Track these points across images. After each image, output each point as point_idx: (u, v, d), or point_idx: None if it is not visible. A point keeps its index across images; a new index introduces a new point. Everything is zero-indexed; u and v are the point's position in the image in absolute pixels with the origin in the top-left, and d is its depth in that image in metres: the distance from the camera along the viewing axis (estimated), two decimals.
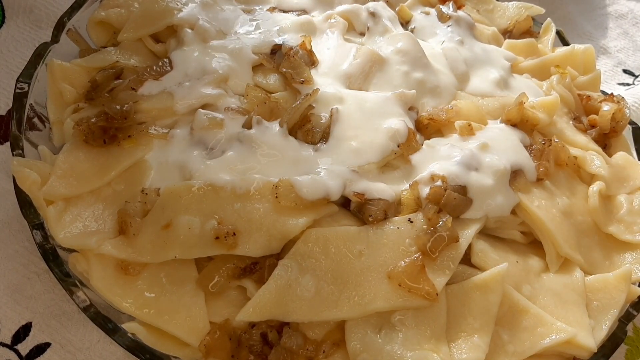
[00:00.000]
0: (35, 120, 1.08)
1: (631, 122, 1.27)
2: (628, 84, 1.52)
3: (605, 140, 1.24)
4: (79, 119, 1.03)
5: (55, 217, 0.94)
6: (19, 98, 1.05)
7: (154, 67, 1.11)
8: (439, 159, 1.04)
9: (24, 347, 0.98)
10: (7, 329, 0.99)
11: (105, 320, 0.87)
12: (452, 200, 0.97)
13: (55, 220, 0.93)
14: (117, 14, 1.21)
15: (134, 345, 0.86)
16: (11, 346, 0.98)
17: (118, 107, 1.03)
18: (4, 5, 1.29)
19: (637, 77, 1.55)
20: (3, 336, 0.99)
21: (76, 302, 0.87)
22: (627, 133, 1.27)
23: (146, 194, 0.97)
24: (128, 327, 0.87)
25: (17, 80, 1.06)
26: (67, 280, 0.89)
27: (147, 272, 0.93)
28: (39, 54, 1.11)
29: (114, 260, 0.93)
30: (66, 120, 1.06)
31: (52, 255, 0.90)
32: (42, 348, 0.99)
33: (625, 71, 1.57)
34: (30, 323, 1.00)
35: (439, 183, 0.98)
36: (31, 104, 1.08)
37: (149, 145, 1.03)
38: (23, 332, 1.00)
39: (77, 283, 0.89)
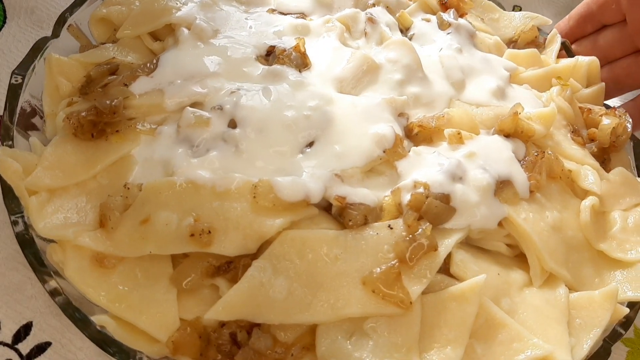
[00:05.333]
0: (30, 112, 1.10)
1: (633, 138, 1.24)
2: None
3: (605, 155, 1.21)
4: (70, 112, 1.05)
5: (36, 207, 0.94)
6: (14, 89, 1.06)
7: (147, 65, 1.12)
8: (425, 167, 1.02)
9: (25, 347, 0.99)
10: (8, 328, 1.00)
11: (75, 311, 0.87)
12: (433, 208, 0.96)
13: (37, 211, 0.94)
14: (117, 11, 1.22)
15: (101, 338, 0.86)
16: (12, 345, 0.99)
17: (108, 102, 1.04)
18: (5, 6, 1.31)
19: None
20: (4, 335, 0.99)
21: (47, 291, 0.88)
22: (630, 148, 1.25)
23: (128, 188, 0.98)
24: (97, 319, 0.87)
25: (13, 72, 1.08)
26: (42, 269, 0.90)
27: (123, 266, 0.93)
28: (38, 47, 1.13)
29: (90, 253, 0.93)
30: (59, 113, 1.07)
31: (28, 243, 0.91)
32: (42, 347, 0.99)
33: None
34: (31, 322, 1.00)
35: (420, 190, 0.97)
36: (27, 97, 1.09)
37: (136, 141, 1.04)
38: (24, 331, 1.00)
39: (52, 273, 0.90)
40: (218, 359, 0.89)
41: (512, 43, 1.42)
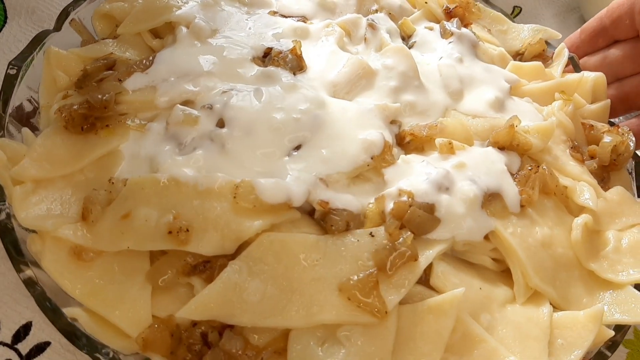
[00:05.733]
0: (31, 111, 1.11)
1: (635, 157, 1.20)
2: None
3: (605, 173, 1.18)
4: (62, 105, 1.05)
5: (21, 197, 0.95)
6: (9, 79, 1.08)
7: (144, 61, 1.13)
8: (412, 175, 1.01)
9: (24, 347, 0.99)
10: (7, 328, 1.00)
11: (47, 301, 0.87)
12: (416, 217, 0.94)
13: (20, 200, 0.94)
14: (120, 8, 1.23)
15: (71, 331, 0.86)
16: (11, 345, 0.99)
17: (100, 96, 1.04)
18: (6, 6, 1.33)
19: None
20: (3, 335, 0.99)
21: (22, 280, 0.88)
22: (631, 168, 1.21)
23: (113, 183, 0.98)
24: (69, 311, 0.87)
25: (10, 63, 1.09)
26: (19, 259, 0.90)
27: (101, 260, 0.93)
28: (38, 40, 1.14)
29: (68, 245, 0.93)
30: (53, 106, 1.08)
31: (7, 232, 0.91)
32: (42, 347, 0.99)
33: None
34: (31, 322, 1.01)
35: (404, 198, 0.95)
36: (26, 92, 1.10)
37: (125, 136, 1.04)
38: (23, 331, 1.00)
39: (28, 263, 0.90)
40: (188, 358, 0.88)
41: (519, 55, 1.39)
